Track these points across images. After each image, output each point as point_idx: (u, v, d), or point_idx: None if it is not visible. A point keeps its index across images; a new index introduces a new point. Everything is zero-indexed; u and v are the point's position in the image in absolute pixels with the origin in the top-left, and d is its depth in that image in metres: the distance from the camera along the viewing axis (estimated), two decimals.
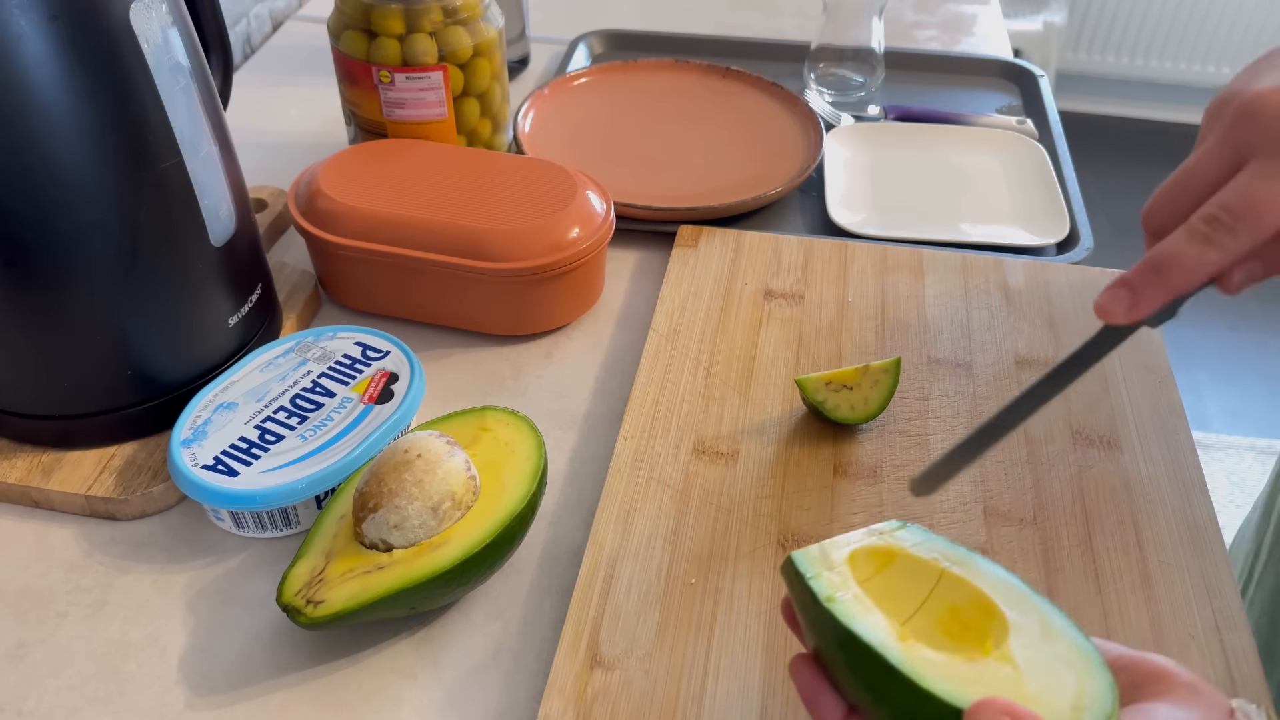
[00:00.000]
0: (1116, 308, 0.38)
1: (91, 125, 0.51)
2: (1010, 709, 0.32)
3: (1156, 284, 0.38)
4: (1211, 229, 0.38)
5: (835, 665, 0.37)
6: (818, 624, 0.37)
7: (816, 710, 0.37)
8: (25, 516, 0.58)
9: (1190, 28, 2.50)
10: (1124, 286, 0.39)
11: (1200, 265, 0.38)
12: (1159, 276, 0.38)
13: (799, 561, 0.39)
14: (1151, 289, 0.38)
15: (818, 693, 0.37)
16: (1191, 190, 0.41)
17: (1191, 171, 0.41)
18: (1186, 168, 0.42)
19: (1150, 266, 0.39)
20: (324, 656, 0.51)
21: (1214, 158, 0.41)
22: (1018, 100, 0.96)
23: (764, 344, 0.67)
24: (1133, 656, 0.37)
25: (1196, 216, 0.39)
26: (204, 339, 0.60)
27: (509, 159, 0.73)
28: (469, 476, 0.51)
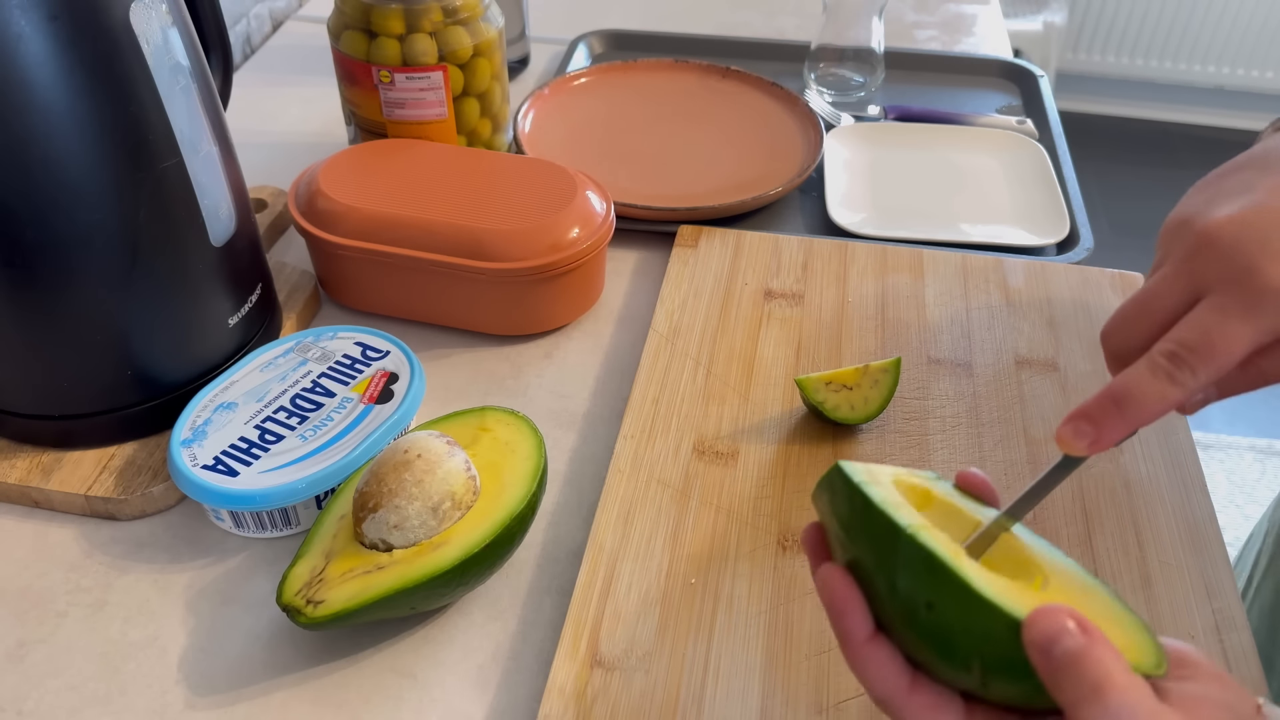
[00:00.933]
0: (1079, 442, 0.39)
1: (91, 125, 0.51)
2: (1073, 613, 0.32)
3: (1118, 419, 0.39)
4: (1173, 366, 0.39)
5: (876, 575, 0.35)
6: (866, 530, 0.35)
7: (845, 622, 0.36)
8: (25, 516, 0.58)
9: (1190, 28, 2.50)
10: (1085, 420, 0.39)
11: (1160, 402, 0.39)
12: (1120, 411, 0.39)
13: (849, 469, 0.37)
14: (1112, 424, 0.39)
15: (849, 604, 0.36)
16: (1151, 316, 0.42)
17: (1150, 298, 0.42)
18: (1145, 292, 0.42)
19: (1111, 401, 0.39)
20: (324, 656, 0.51)
21: (1172, 285, 0.41)
22: (1018, 100, 0.96)
23: (764, 344, 0.67)
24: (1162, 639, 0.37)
25: (1158, 352, 0.39)
26: (204, 339, 0.60)
27: (509, 159, 0.73)
28: (469, 476, 0.51)
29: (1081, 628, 0.32)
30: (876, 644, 0.35)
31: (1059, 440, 0.39)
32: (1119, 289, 0.71)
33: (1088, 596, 0.36)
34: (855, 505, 0.36)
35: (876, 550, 0.35)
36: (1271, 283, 0.39)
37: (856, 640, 0.36)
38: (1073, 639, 0.31)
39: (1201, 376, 0.39)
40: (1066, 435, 0.39)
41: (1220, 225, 0.41)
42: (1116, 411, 0.39)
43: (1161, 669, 0.33)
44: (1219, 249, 0.40)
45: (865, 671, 0.36)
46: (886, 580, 0.35)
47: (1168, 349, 0.39)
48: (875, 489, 0.36)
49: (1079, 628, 0.32)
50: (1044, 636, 0.32)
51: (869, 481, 0.37)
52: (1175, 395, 0.39)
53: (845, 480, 0.37)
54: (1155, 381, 0.39)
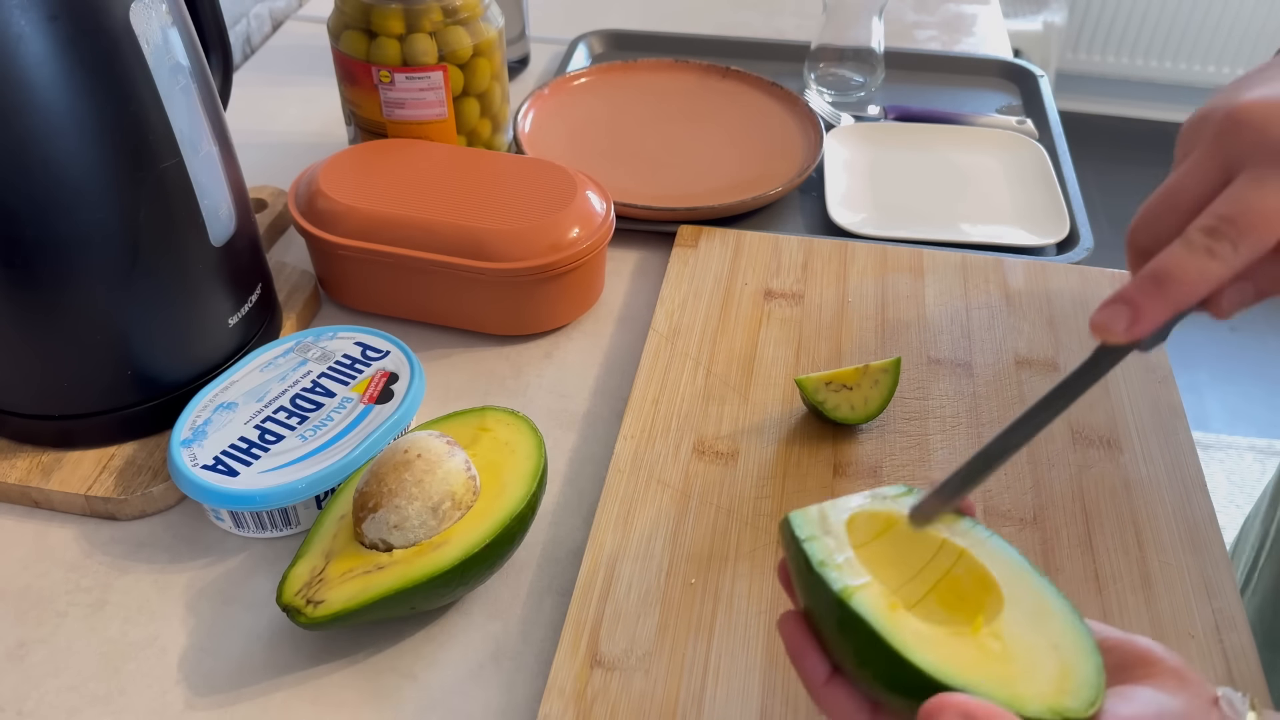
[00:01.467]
0: (1116, 324, 0.37)
1: (91, 125, 0.51)
2: (966, 709, 0.32)
3: (1157, 298, 0.37)
4: (1212, 240, 0.37)
5: (823, 627, 0.37)
6: (809, 587, 0.37)
7: (802, 667, 0.37)
8: (25, 516, 0.58)
9: (1190, 28, 2.50)
10: (1123, 302, 0.37)
11: (1202, 278, 0.37)
12: (1160, 290, 0.37)
13: (795, 523, 0.38)
14: (1152, 304, 0.37)
15: (804, 651, 0.37)
16: (1180, 206, 0.40)
17: (1178, 187, 0.40)
18: (1173, 182, 0.40)
19: (1150, 281, 0.37)
20: (324, 656, 0.51)
21: (1201, 171, 0.40)
22: (1018, 100, 0.96)
23: (764, 344, 0.67)
24: (1119, 638, 0.37)
25: (1194, 228, 0.38)
26: (204, 339, 0.60)
27: (509, 159, 0.73)
28: (469, 476, 0.51)
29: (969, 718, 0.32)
30: (834, 685, 0.37)
31: (1094, 327, 0.37)
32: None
33: (1035, 625, 0.36)
34: (800, 563, 0.38)
35: (821, 607, 0.37)
36: None
37: (815, 683, 0.37)
38: None
39: (1243, 250, 0.37)
40: (1103, 319, 0.37)
41: (1251, 105, 0.39)
42: (1157, 291, 0.37)
43: (1094, 707, 0.34)
44: (1252, 126, 0.38)
45: (827, 710, 0.37)
46: (832, 633, 0.37)
47: (1206, 224, 0.37)
48: (819, 544, 0.38)
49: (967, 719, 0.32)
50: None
51: (814, 536, 0.38)
52: (1216, 270, 0.37)
53: (791, 535, 0.38)
54: (1194, 257, 0.37)
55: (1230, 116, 0.40)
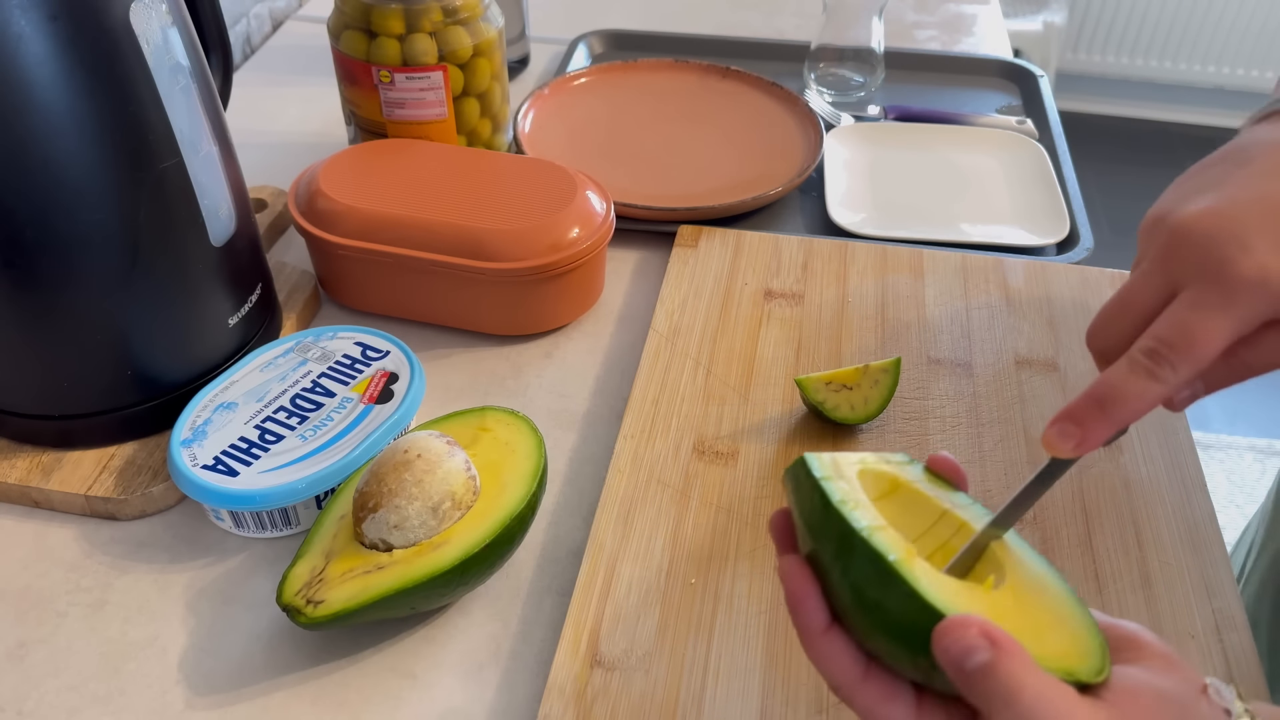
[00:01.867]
0: (1064, 444, 0.39)
1: (91, 125, 0.51)
2: (983, 625, 0.32)
3: (1102, 419, 0.39)
4: (1153, 363, 0.39)
5: (831, 569, 0.36)
6: (823, 526, 0.36)
7: (801, 613, 0.37)
8: (25, 516, 0.58)
9: (1190, 28, 2.50)
10: (1070, 421, 0.39)
11: (1143, 399, 0.39)
12: (1103, 411, 0.39)
13: (811, 463, 0.38)
14: (1097, 424, 0.39)
15: (805, 596, 0.37)
16: (1131, 314, 0.42)
17: (1130, 295, 0.42)
18: (1125, 290, 0.43)
19: (1094, 402, 0.39)
20: (324, 656, 0.51)
21: (1149, 282, 0.42)
22: (1018, 100, 0.96)
23: (764, 344, 0.67)
24: (1108, 622, 0.37)
25: (1137, 349, 0.39)
26: (204, 339, 0.60)
27: (509, 159, 0.73)
28: (469, 476, 0.51)
29: (991, 640, 0.32)
30: (831, 635, 0.36)
31: (1045, 443, 0.39)
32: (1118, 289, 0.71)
33: (1041, 596, 0.36)
34: (815, 501, 0.37)
35: (832, 546, 0.36)
36: (1244, 274, 0.39)
37: (812, 631, 0.37)
38: (981, 653, 0.32)
39: (1182, 371, 0.39)
40: (1052, 437, 0.39)
41: (1192, 220, 0.41)
42: (1100, 411, 0.39)
43: (1102, 675, 0.34)
44: (1192, 244, 0.40)
45: (820, 661, 0.37)
46: (840, 575, 0.36)
47: (1147, 346, 0.39)
48: (835, 485, 0.37)
49: (988, 641, 0.32)
50: (953, 651, 0.32)
51: (830, 477, 0.37)
52: (1157, 391, 0.39)
53: (808, 474, 0.38)
54: (1136, 379, 0.39)
55: (1173, 233, 0.41)
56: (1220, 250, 0.39)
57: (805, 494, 0.37)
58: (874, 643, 0.35)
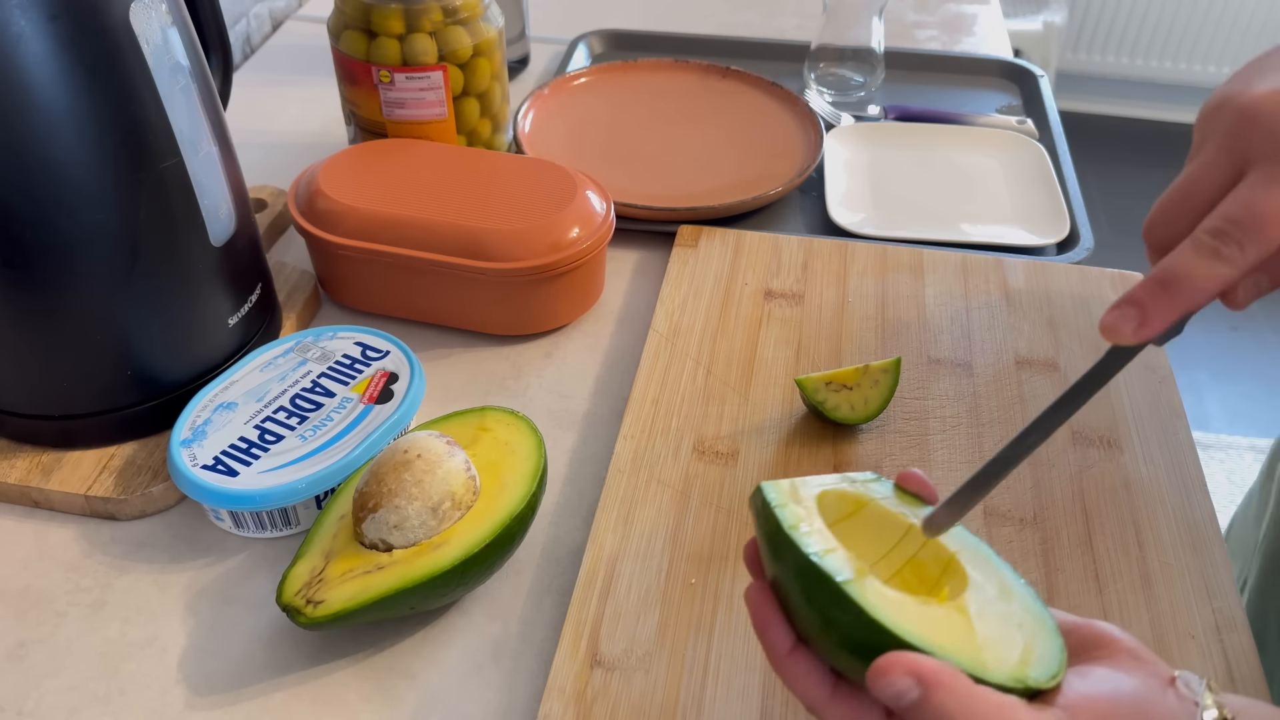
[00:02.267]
0: (1125, 326, 0.37)
1: (91, 125, 0.51)
2: (911, 665, 0.32)
3: (1165, 301, 0.37)
4: (1219, 242, 0.37)
5: (790, 592, 0.37)
6: (777, 550, 0.37)
7: (766, 638, 0.37)
8: (25, 516, 0.58)
9: (1190, 28, 2.50)
10: (1131, 304, 0.37)
11: (1209, 280, 0.37)
12: (1167, 293, 0.37)
13: (767, 490, 0.39)
14: (1160, 306, 0.37)
15: (769, 621, 0.37)
16: (1193, 202, 0.40)
17: (1192, 182, 0.40)
18: (1186, 178, 0.41)
19: (1158, 283, 0.37)
20: (324, 656, 0.51)
21: (1214, 167, 0.40)
22: (1018, 100, 0.96)
23: (764, 344, 0.67)
24: (1076, 622, 0.37)
25: (1202, 230, 0.38)
26: (204, 339, 0.60)
27: (509, 159, 0.73)
28: (469, 476, 0.51)
29: (917, 677, 0.32)
30: (797, 656, 0.37)
31: (1103, 329, 0.37)
32: (1119, 289, 0.71)
33: (997, 604, 0.36)
34: (770, 527, 0.38)
35: (789, 569, 0.37)
36: None
37: (779, 654, 0.37)
38: (910, 692, 0.32)
39: (1250, 252, 0.37)
40: (1112, 321, 0.37)
41: (1263, 99, 0.39)
42: (1164, 294, 0.37)
43: (1056, 679, 0.34)
44: (1263, 123, 0.39)
45: (789, 681, 0.37)
46: (799, 596, 0.36)
47: (1213, 225, 0.37)
48: (789, 511, 0.38)
49: (915, 678, 0.32)
50: (886, 694, 0.33)
51: (784, 504, 0.38)
52: (1223, 272, 0.37)
53: (764, 502, 0.38)
54: (1202, 260, 0.37)
55: (1242, 113, 0.40)
56: None
57: (762, 521, 0.38)
58: (837, 660, 0.36)
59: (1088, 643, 0.36)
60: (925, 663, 0.33)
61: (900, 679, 0.32)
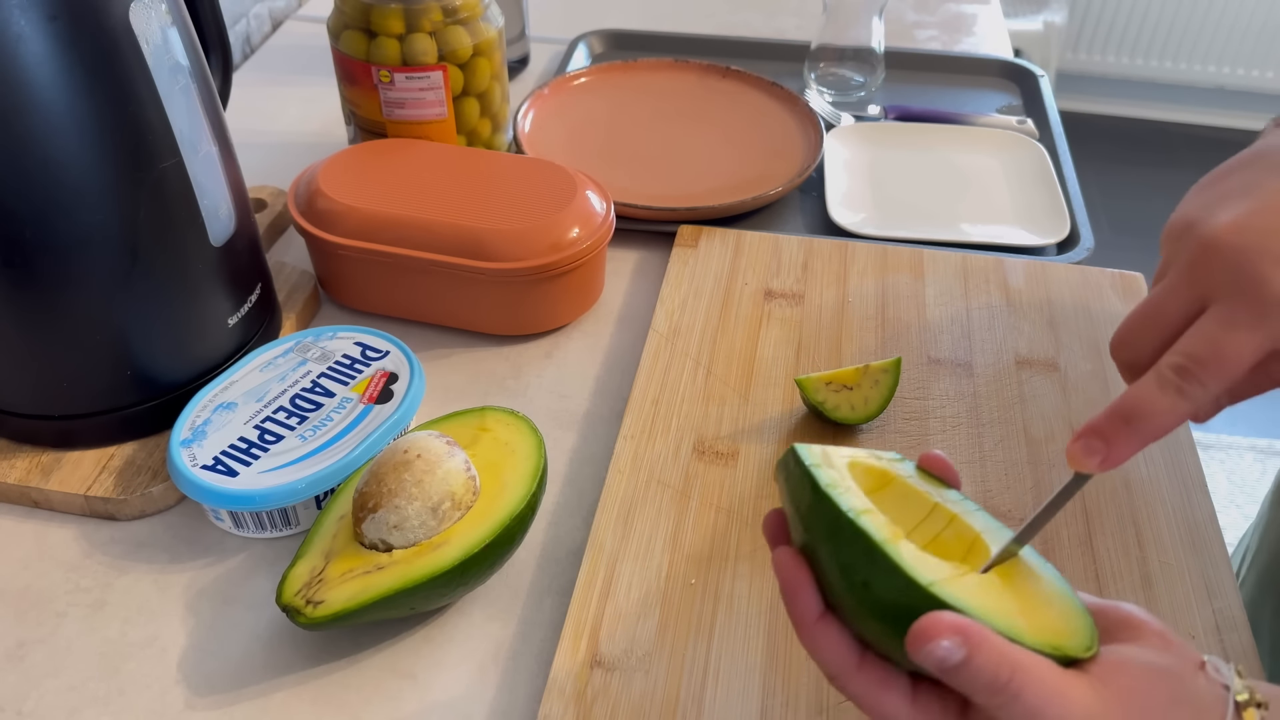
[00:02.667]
0: (1090, 460, 0.38)
1: (91, 125, 0.51)
2: (955, 624, 0.32)
3: (1129, 435, 0.38)
4: (1182, 380, 0.38)
5: (823, 554, 0.36)
6: (813, 511, 0.37)
7: (795, 601, 0.37)
8: (25, 516, 0.58)
9: (1190, 28, 2.50)
10: (1096, 437, 0.38)
11: (1172, 416, 0.38)
12: (1130, 427, 0.38)
13: (801, 451, 0.38)
14: (1124, 440, 0.38)
15: (799, 586, 0.37)
16: (1159, 325, 0.41)
17: (1156, 307, 0.42)
18: (1151, 302, 0.42)
19: (1121, 417, 0.38)
20: (324, 656, 0.51)
21: (1177, 296, 0.41)
22: (1018, 100, 0.96)
23: (764, 344, 0.67)
24: (1106, 604, 0.38)
25: (1165, 365, 0.39)
26: (204, 339, 0.60)
27: (509, 159, 0.73)
28: (469, 476, 0.51)
29: (963, 635, 0.32)
30: (826, 624, 0.37)
31: (1070, 457, 0.39)
32: (1119, 289, 0.71)
33: (1027, 580, 0.37)
34: (804, 487, 0.37)
35: (821, 529, 0.36)
36: (1277, 291, 0.38)
37: (807, 620, 0.37)
38: (955, 653, 0.32)
39: (1211, 388, 0.38)
40: (1077, 452, 0.38)
41: (1222, 231, 0.40)
42: (1127, 428, 0.38)
43: (1091, 650, 0.34)
44: (1222, 257, 0.40)
45: (816, 649, 0.37)
46: (831, 559, 0.36)
47: (1175, 362, 0.39)
48: (825, 472, 0.37)
49: (961, 637, 0.32)
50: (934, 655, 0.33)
51: (820, 464, 0.38)
52: (1185, 408, 0.38)
53: (798, 462, 0.38)
54: (1164, 396, 0.38)
55: (1204, 246, 0.41)
56: (1253, 266, 0.39)
57: (795, 481, 0.38)
58: (865, 626, 0.36)
59: (1116, 625, 0.36)
60: (969, 624, 0.33)
61: (945, 640, 0.32)
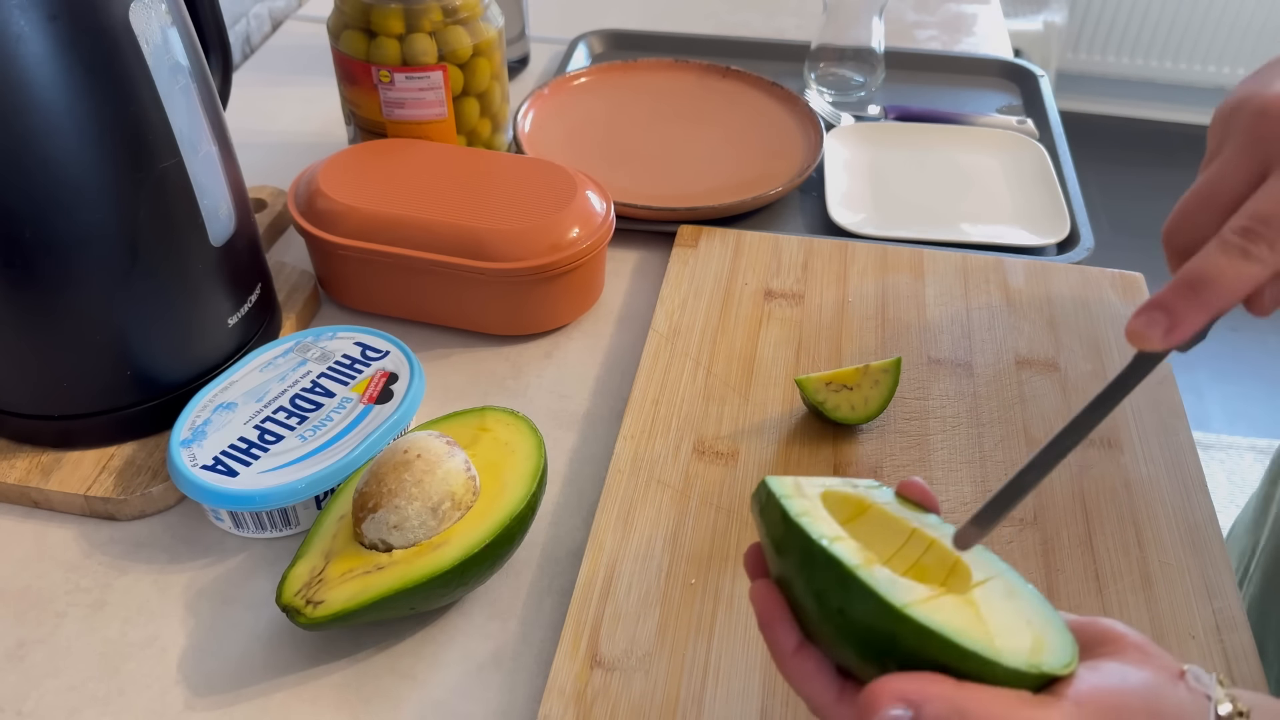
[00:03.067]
0: (1153, 332, 0.36)
1: (91, 125, 0.51)
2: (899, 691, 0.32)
3: (1194, 303, 0.36)
4: (1248, 241, 0.36)
5: (797, 584, 0.36)
6: (785, 540, 0.37)
7: (772, 635, 0.37)
8: (25, 516, 0.58)
9: (1190, 28, 2.50)
10: (1159, 309, 0.36)
11: (1239, 280, 0.36)
12: (1196, 295, 0.36)
13: (772, 484, 0.38)
14: (1189, 309, 0.36)
15: (774, 617, 0.37)
16: (1217, 203, 0.39)
17: (1214, 184, 0.39)
18: (1208, 180, 0.40)
19: (1186, 285, 0.36)
20: (324, 656, 0.51)
21: (1236, 167, 0.39)
22: (1018, 100, 0.96)
23: (764, 344, 0.67)
24: (1083, 620, 0.37)
25: (1229, 229, 0.37)
26: (203, 339, 0.60)
27: (509, 159, 0.73)
28: (469, 476, 0.51)
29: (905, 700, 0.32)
30: (804, 655, 0.36)
31: (1130, 335, 0.36)
32: (1119, 289, 0.71)
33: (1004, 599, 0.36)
34: (776, 518, 0.37)
35: (795, 560, 0.36)
36: None
37: (785, 651, 0.37)
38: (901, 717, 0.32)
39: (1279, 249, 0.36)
40: (1139, 326, 0.36)
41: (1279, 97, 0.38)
42: (1193, 297, 0.36)
43: (1070, 668, 0.34)
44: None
45: (795, 682, 0.36)
46: (806, 588, 0.36)
47: (1240, 224, 0.36)
48: (796, 502, 0.37)
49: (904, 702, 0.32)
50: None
51: (791, 495, 0.38)
52: (1253, 271, 0.36)
53: (769, 494, 0.38)
54: (1230, 259, 0.36)
55: (1264, 112, 0.39)
56: None
57: (767, 513, 0.38)
58: (844, 655, 0.36)
59: (1094, 640, 0.36)
60: (909, 683, 0.32)
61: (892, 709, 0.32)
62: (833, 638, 0.35)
